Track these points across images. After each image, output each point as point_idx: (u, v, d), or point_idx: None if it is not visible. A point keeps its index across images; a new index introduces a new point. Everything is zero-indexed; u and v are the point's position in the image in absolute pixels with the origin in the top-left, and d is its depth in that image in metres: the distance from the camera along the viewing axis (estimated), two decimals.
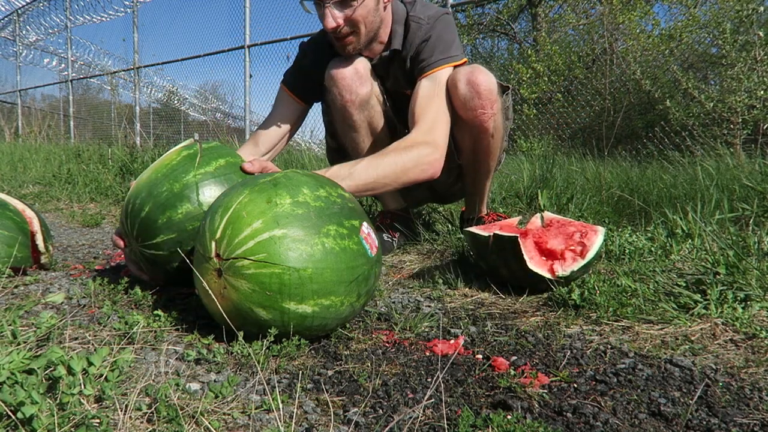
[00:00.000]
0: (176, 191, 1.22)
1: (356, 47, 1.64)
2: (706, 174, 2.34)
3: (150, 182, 1.26)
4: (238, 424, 0.75)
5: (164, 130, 10.66)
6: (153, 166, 1.30)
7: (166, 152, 1.34)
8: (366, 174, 1.43)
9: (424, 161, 1.51)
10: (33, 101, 13.55)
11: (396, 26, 1.69)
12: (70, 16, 10.29)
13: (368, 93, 1.69)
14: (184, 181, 1.23)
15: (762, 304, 1.15)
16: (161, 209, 1.21)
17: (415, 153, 1.50)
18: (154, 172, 1.27)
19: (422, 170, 1.51)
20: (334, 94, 1.69)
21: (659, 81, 4.67)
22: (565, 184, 2.64)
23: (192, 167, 1.25)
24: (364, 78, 1.68)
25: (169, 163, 1.27)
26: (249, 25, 6.70)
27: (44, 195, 3.63)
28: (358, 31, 1.59)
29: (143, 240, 1.25)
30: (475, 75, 1.59)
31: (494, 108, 1.63)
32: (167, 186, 1.22)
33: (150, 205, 1.23)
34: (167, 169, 1.26)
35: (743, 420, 0.75)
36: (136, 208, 1.25)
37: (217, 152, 1.31)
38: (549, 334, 1.10)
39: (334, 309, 0.99)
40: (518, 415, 0.76)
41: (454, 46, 1.66)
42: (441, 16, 1.67)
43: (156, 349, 0.99)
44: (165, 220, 1.21)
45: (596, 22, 6.20)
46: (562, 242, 1.39)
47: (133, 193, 1.28)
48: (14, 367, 0.74)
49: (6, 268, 1.43)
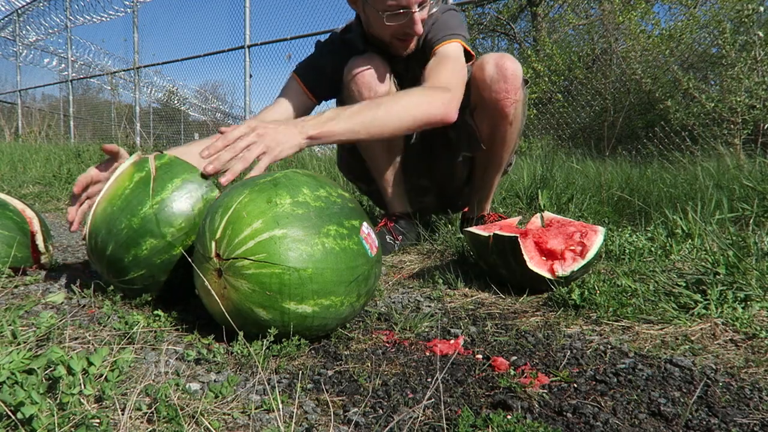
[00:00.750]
0: (136, 227, 1.14)
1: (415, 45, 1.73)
2: (706, 174, 2.34)
3: (107, 217, 1.17)
4: (238, 424, 0.75)
5: (164, 130, 10.67)
6: (107, 193, 1.21)
7: (118, 172, 1.23)
8: (372, 111, 1.37)
9: (436, 98, 1.48)
10: (33, 101, 13.55)
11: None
12: (70, 16, 10.29)
13: (386, 92, 1.72)
14: (142, 214, 1.14)
15: (762, 304, 1.15)
16: (125, 248, 1.15)
17: (426, 91, 1.50)
18: (108, 204, 1.18)
19: (434, 106, 1.46)
20: (352, 90, 1.72)
21: (659, 81, 4.67)
22: (565, 184, 2.65)
23: (147, 196, 1.15)
24: (384, 78, 1.72)
25: (123, 193, 1.17)
26: (249, 25, 6.71)
27: (44, 195, 3.63)
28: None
29: (116, 276, 1.20)
30: (503, 59, 1.64)
31: (517, 95, 1.67)
32: (125, 222, 1.14)
33: (112, 244, 1.16)
34: (122, 201, 1.16)
35: (743, 420, 0.75)
36: (99, 246, 1.18)
37: (171, 171, 1.19)
38: (549, 334, 1.10)
39: (334, 309, 0.99)
40: (518, 415, 0.76)
41: (458, 28, 1.71)
42: (448, 11, 1.76)
43: (156, 349, 0.99)
44: (131, 258, 1.16)
45: (596, 22, 6.20)
46: (562, 242, 1.39)
47: (93, 229, 1.19)
48: (14, 367, 0.74)
49: (6, 268, 1.43)
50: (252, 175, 1.16)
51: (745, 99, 3.56)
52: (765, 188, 1.95)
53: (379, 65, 1.72)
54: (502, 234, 1.36)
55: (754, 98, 3.55)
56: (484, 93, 1.68)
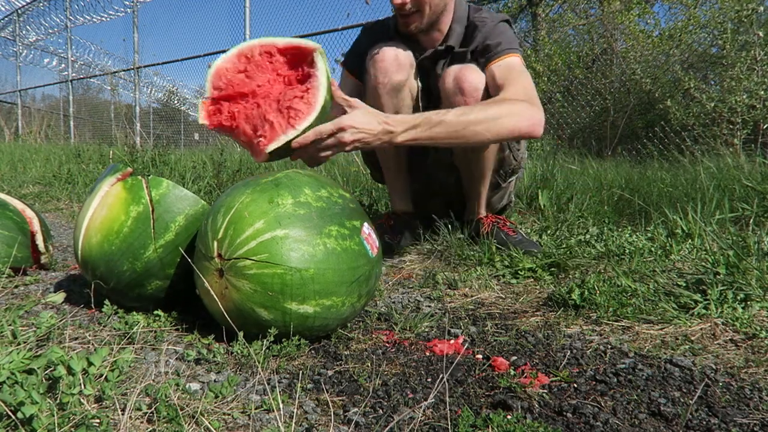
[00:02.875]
0: (139, 271, 1.12)
1: (418, 26, 1.67)
2: (706, 174, 2.34)
3: (105, 255, 1.12)
4: (238, 424, 0.75)
5: (164, 130, 10.66)
6: (98, 222, 1.13)
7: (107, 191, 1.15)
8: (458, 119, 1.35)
9: (526, 113, 1.41)
10: (33, 101, 13.55)
11: (455, 25, 1.72)
12: (70, 16, 10.29)
13: (402, 81, 1.70)
14: (145, 258, 1.11)
15: (762, 304, 1.15)
16: (129, 287, 1.14)
17: (512, 105, 1.44)
18: (105, 239, 1.12)
19: (523, 121, 1.39)
20: (370, 74, 1.72)
21: (659, 81, 4.67)
22: (565, 184, 2.65)
23: (149, 238, 1.11)
24: (403, 66, 1.70)
25: (121, 229, 1.11)
26: (249, 25, 6.70)
27: (44, 195, 3.63)
28: (422, 10, 1.62)
29: (119, 299, 1.19)
30: (463, 71, 1.62)
31: None
32: (128, 265, 1.11)
33: (114, 282, 1.14)
34: (121, 241, 1.11)
35: (743, 420, 0.75)
36: (98, 277, 1.15)
37: (172, 207, 1.13)
38: (549, 334, 1.10)
39: (336, 309, 0.99)
40: (518, 415, 0.76)
41: (516, 44, 1.69)
42: (504, 21, 1.72)
43: (156, 349, 0.99)
44: (136, 294, 1.16)
45: (596, 22, 6.20)
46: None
47: (89, 259, 1.15)
48: (14, 367, 0.74)
49: (6, 268, 1.43)
50: None
51: (745, 99, 3.56)
52: (765, 188, 1.95)
53: (400, 54, 1.70)
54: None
55: (753, 98, 3.55)
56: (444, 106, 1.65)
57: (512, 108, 1.42)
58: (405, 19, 1.66)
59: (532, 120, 1.41)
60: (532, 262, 1.58)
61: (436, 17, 1.68)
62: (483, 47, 1.67)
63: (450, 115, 1.35)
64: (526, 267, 1.56)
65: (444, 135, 1.33)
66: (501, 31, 1.68)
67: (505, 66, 1.62)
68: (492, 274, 1.57)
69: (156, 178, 1.16)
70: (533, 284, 1.50)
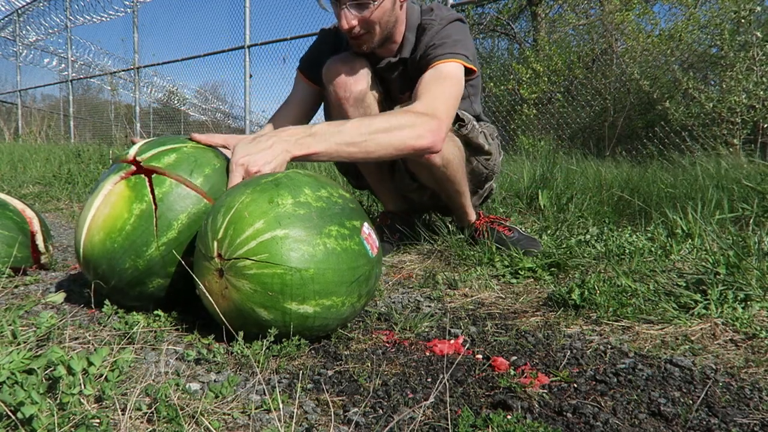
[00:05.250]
0: (141, 269, 1.12)
1: (370, 46, 1.63)
2: (706, 174, 2.34)
3: (107, 252, 1.12)
4: (238, 424, 0.75)
5: (164, 130, 10.66)
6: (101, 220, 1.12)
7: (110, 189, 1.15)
8: (357, 132, 1.34)
9: (420, 126, 1.40)
10: (33, 101, 13.55)
11: (408, 33, 1.68)
12: (70, 16, 10.29)
13: (363, 91, 1.68)
14: (147, 256, 1.11)
15: (762, 304, 1.15)
16: (130, 286, 1.14)
17: (411, 116, 1.42)
18: (107, 237, 1.11)
19: (418, 135, 1.39)
20: (330, 91, 1.70)
21: (659, 81, 4.67)
22: (565, 184, 2.65)
23: (151, 236, 1.10)
24: (360, 76, 1.68)
25: (123, 227, 1.10)
26: (249, 25, 6.70)
27: (44, 195, 3.63)
28: (372, 31, 1.58)
29: (119, 297, 1.19)
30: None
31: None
32: (130, 263, 1.11)
33: (116, 280, 1.14)
34: (123, 238, 1.10)
35: (743, 420, 0.75)
36: (99, 275, 1.15)
37: (175, 205, 1.12)
38: (549, 334, 1.10)
39: (336, 309, 0.99)
40: (518, 415, 0.76)
41: (461, 46, 1.61)
42: (454, 21, 1.65)
43: (156, 349, 0.99)
44: (137, 293, 1.16)
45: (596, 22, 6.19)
46: None
47: (90, 258, 1.14)
48: (14, 367, 0.74)
49: (6, 268, 1.43)
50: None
51: (744, 99, 3.56)
52: (765, 188, 1.95)
53: (356, 65, 1.68)
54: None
55: (753, 99, 3.55)
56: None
57: (410, 125, 1.39)
58: (356, 41, 1.60)
59: (432, 135, 1.40)
60: (532, 262, 1.58)
61: (388, 33, 1.63)
62: (425, 52, 1.62)
63: (349, 125, 1.33)
64: (526, 267, 1.56)
65: (343, 144, 1.31)
66: (446, 34, 1.61)
67: (432, 73, 1.56)
68: (492, 274, 1.57)
69: (159, 177, 1.15)
70: (533, 284, 1.50)
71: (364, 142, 1.33)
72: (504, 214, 2.40)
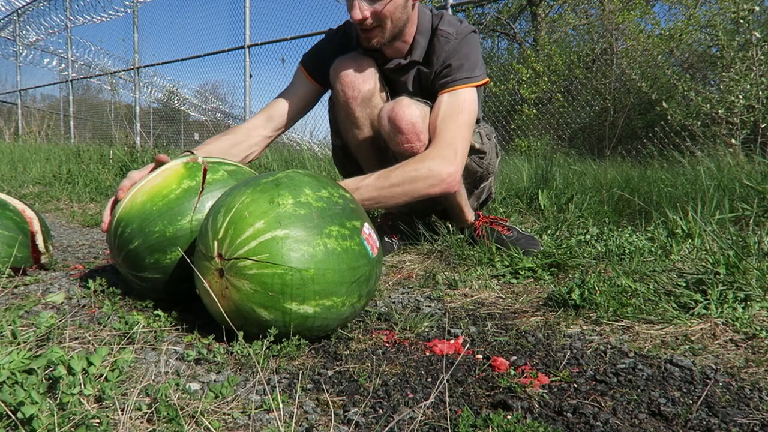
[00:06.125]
0: (169, 236, 1.15)
1: (380, 41, 1.63)
2: (706, 174, 2.34)
3: (143, 213, 1.16)
4: (238, 424, 0.75)
5: (164, 130, 10.66)
6: (149, 186, 1.19)
7: (167, 167, 1.23)
8: (375, 187, 1.47)
9: (434, 173, 1.51)
10: (33, 101, 13.55)
11: (419, 37, 1.68)
12: (70, 16, 10.29)
13: (370, 90, 1.70)
14: (179, 225, 1.15)
15: (762, 304, 1.15)
16: (150, 250, 1.16)
17: (427, 165, 1.51)
18: (149, 200, 1.17)
19: (431, 184, 1.51)
20: (337, 90, 1.71)
21: (659, 81, 4.67)
22: (565, 184, 2.65)
23: (190, 209, 1.15)
24: (367, 75, 1.69)
25: (168, 195, 1.17)
26: (249, 25, 6.71)
27: (44, 195, 3.63)
28: (384, 25, 1.58)
29: (129, 267, 1.22)
30: (395, 111, 1.59)
31: (422, 138, 1.61)
32: (160, 227, 1.15)
33: (139, 241, 1.16)
34: (164, 204, 1.16)
35: (743, 420, 0.75)
36: (124, 236, 1.18)
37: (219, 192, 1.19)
38: (549, 334, 1.10)
39: (336, 309, 0.99)
40: (518, 415, 0.76)
41: (478, 66, 1.66)
42: (469, 34, 1.67)
43: (156, 349, 0.99)
44: (153, 261, 1.17)
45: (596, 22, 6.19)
46: None
47: (124, 217, 1.19)
48: (14, 367, 0.74)
49: (6, 268, 1.43)
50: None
51: (742, 100, 3.56)
52: (765, 188, 1.95)
53: (363, 65, 1.69)
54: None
55: (752, 99, 3.55)
56: (392, 148, 1.66)
57: (429, 171, 1.51)
58: (366, 34, 1.61)
59: (445, 181, 1.53)
60: (532, 262, 1.58)
61: (398, 30, 1.63)
62: (444, 67, 1.65)
63: (367, 181, 1.48)
64: (526, 267, 1.56)
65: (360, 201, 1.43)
66: (466, 52, 1.64)
67: (451, 101, 1.61)
68: (492, 274, 1.57)
69: (215, 167, 1.24)
70: (533, 284, 1.50)
71: (380, 197, 1.49)
72: (504, 214, 2.40)
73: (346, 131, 1.83)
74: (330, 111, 1.93)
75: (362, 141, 1.81)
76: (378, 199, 1.48)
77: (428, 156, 1.54)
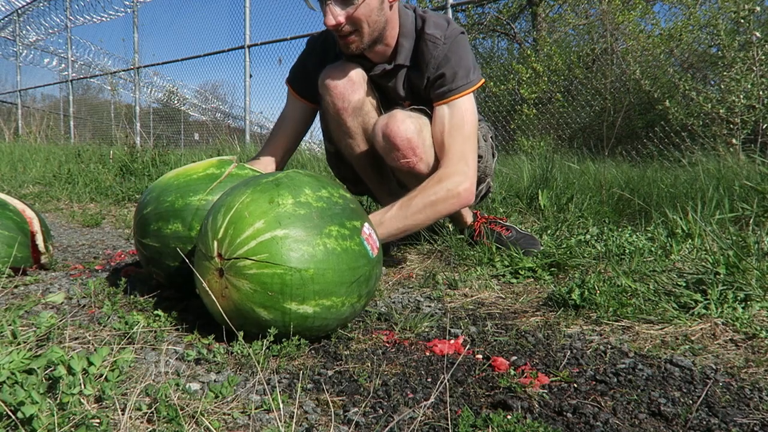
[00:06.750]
0: (177, 207, 1.24)
1: (359, 46, 1.58)
2: (706, 174, 2.34)
3: (166, 185, 1.29)
4: (238, 424, 0.75)
5: (164, 130, 10.66)
6: (183, 168, 1.33)
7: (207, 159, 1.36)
8: (399, 217, 1.50)
9: (453, 193, 1.53)
10: (33, 101, 13.55)
11: (403, 40, 1.63)
12: (70, 16, 10.29)
13: (361, 100, 1.66)
14: (189, 200, 1.24)
15: (762, 304, 1.15)
16: (156, 218, 1.25)
17: (444, 187, 1.52)
18: (176, 176, 1.30)
19: (452, 203, 1.53)
20: (327, 102, 1.67)
21: (659, 81, 4.67)
22: (565, 184, 2.64)
23: (203, 190, 1.25)
24: (357, 85, 1.65)
25: (191, 175, 1.29)
26: (249, 25, 6.71)
27: (44, 195, 3.63)
28: (360, 30, 1.53)
29: (138, 232, 1.31)
30: (389, 127, 1.56)
31: (418, 153, 1.58)
32: (172, 198, 1.25)
33: (151, 207, 1.27)
34: (185, 181, 1.28)
35: (743, 420, 0.75)
36: (143, 203, 1.30)
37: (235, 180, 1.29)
38: (549, 334, 1.10)
39: (335, 309, 0.99)
40: (518, 415, 0.76)
41: (473, 70, 1.62)
42: (457, 36, 1.61)
43: (156, 349, 0.99)
44: (155, 228, 1.25)
45: (596, 22, 6.19)
46: None
47: (153, 186, 1.33)
48: (14, 367, 0.74)
49: (6, 268, 1.43)
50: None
51: (743, 100, 3.56)
52: (765, 188, 1.95)
53: (351, 74, 1.64)
54: None
55: (753, 99, 3.55)
56: (388, 162, 1.65)
57: (447, 191, 1.53)
58: (344, 41, 1.56)
59: (462, 197, 1.55)
60: (532, 261, 1.58)
61: (378, 33, 1.58)
62: (437, 75, 1.60)
63: (389, 215, 1.51)
64: (526, 267, 1.56)
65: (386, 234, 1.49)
66: (458, 57, 1.59)
67: (453, 113, 1.59)
68: (492, 274, 1.57)
69: (244, 165, 1.36)
70: (533, 284, 1.50)
71: (405, 227, 1.52)
72: (504, 214, 2.40)
73: (339, 141, 1.79)
74: (321, 119, 1.90)
75: (356, 150, 1.78)
76: (404, 229, 1.51)
77: (444, 176, 1.53)
